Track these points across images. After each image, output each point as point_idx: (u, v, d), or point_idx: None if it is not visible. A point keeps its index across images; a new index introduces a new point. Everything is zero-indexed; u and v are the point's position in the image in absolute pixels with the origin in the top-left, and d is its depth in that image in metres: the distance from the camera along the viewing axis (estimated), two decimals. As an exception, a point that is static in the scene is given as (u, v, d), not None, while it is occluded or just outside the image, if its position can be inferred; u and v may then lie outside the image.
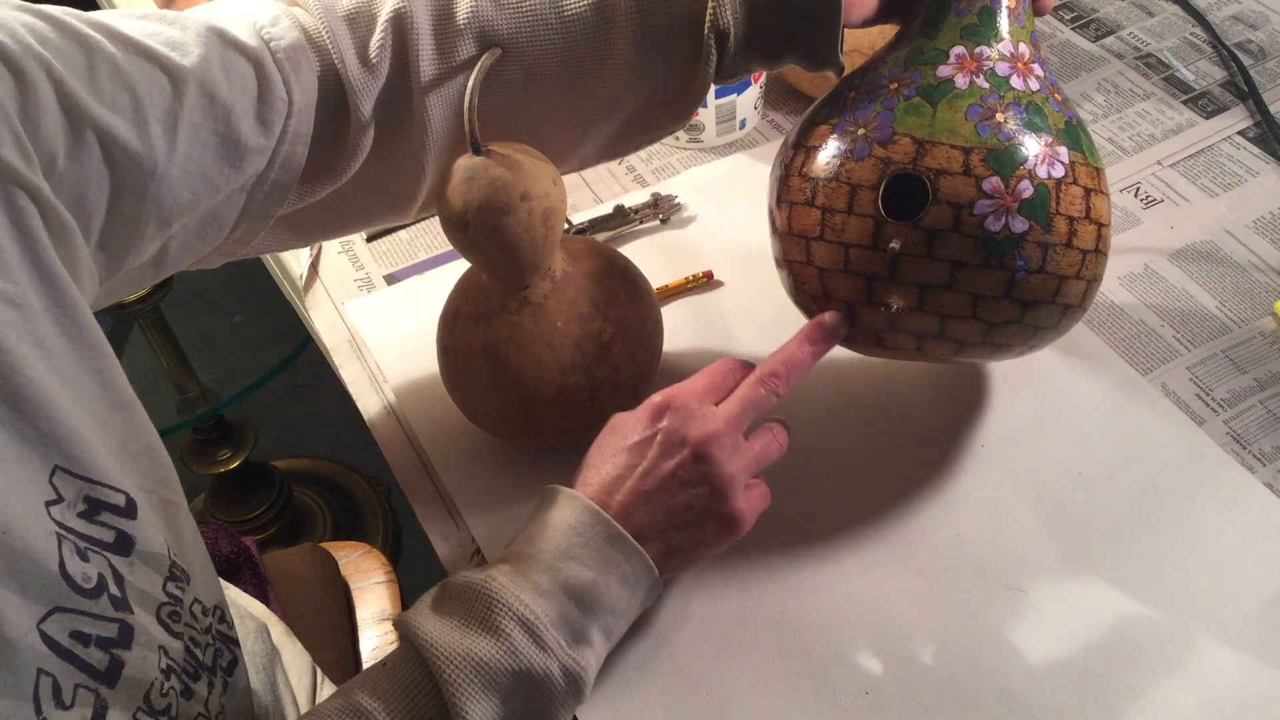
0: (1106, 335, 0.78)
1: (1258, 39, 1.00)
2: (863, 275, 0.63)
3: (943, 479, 0.71)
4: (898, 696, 0.62)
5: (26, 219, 0.51)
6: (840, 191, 0.63)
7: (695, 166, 0.94)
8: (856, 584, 0.67)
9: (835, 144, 0.64)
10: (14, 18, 0.53)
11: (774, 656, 0.64)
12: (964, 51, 0.64)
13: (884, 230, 0.62)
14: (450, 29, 0.64)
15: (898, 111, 0.63)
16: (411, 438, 0.77)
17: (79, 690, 0.51)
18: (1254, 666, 0.62)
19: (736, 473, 0.62)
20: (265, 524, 1.57)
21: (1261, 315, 0.79)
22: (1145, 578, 0.66)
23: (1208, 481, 0.70)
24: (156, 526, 0.57)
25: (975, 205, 0.60)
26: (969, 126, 0.61)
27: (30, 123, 0.51)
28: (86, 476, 0.53)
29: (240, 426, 1.52)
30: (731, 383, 0.64)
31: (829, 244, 0.64)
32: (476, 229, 0.64)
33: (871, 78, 0.65)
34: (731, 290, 0.84)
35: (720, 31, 0.64)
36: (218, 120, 0.58)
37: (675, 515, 0.61)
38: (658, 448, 0.61)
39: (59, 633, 0.50)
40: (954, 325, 0.63)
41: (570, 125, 0.68)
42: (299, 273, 0.90)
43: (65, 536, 0.51)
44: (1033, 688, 0.62)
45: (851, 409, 0.76)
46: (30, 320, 0.51)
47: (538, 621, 0.56)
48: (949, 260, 0.61)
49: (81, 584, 0.51)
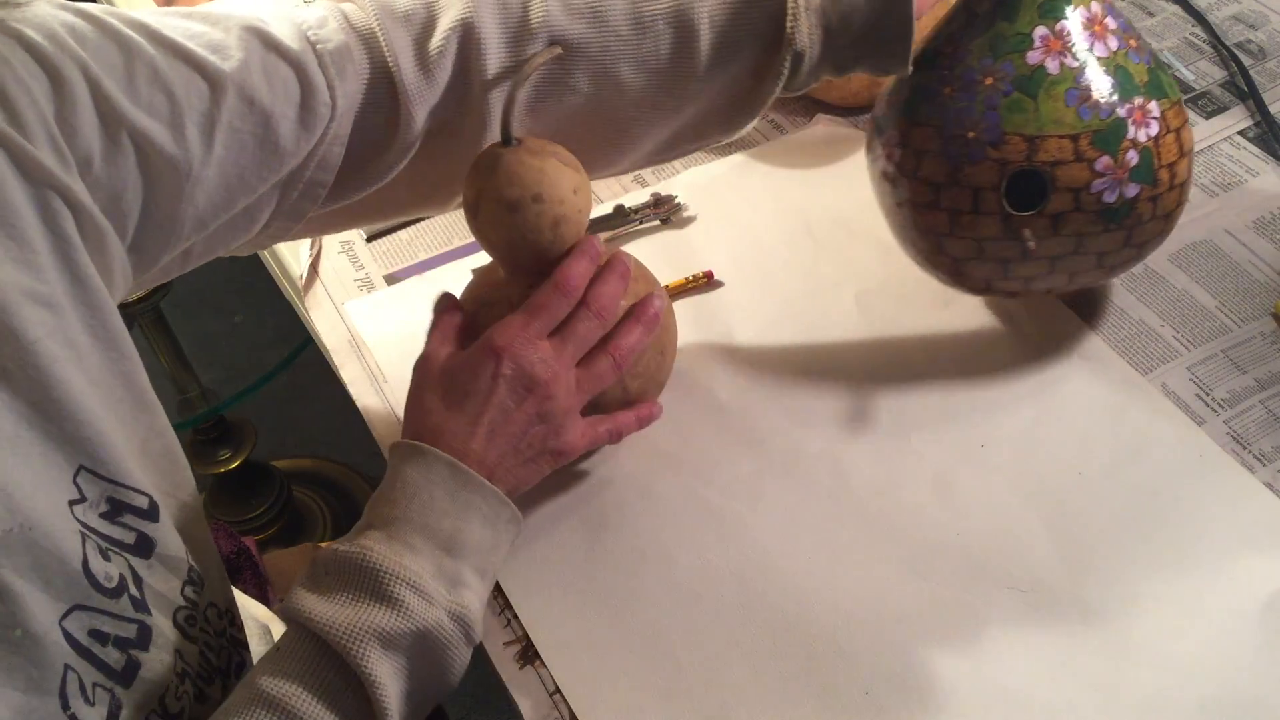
0: (1106, 335, 0.78)
1: (1258, 39, 1.00)
2: (997, 261, 0.70)
3: (943, 479, 0.71)
4: (898, 696, 0.62)
5: (60, 221, 0.51)
6: (964, 195, 0.68)
7: (695, 166, 0.94)
8: (856, 584, 0.67)
9: (947, 148, 0.68)
10: (55, 17, 0.53)
11: (774, 656, 0.64)
12: (1046, 32, 0.67)
13: (1011, 222, 0.68)
14: (521, 33, 0.63)
15: (1001, 110, 0.67)
16: (411, 438, 0.77)
17: (96, 689, 0.51)
18: (1254, 666, 0.62)
19: (572, 407, 0.66)
20: (265, 524, 1.57)
21: (1261, 315, 0.79)
22: (1145, 578, 0.66)
23: (1208, 481, 0.70)
24: (175, 530, 0.58)
25: (1091, 185, 0.67)
26: (1071, 113, 0.66)
27: (66, 125, 0.52)
28: (110, 478, 0.53)
29: (240, 426, 1.52)
30: (559, 311, 0.66)
31: (961, 239, 0.70)
32: (485, 218, 0.65)
33: (962, 71, 0.68)
34: (731, 290, 0.84)
35: (797, 52, 0.64)
36: (256, 124, 0.58)
37: (519, 454, 0.65)
38: (502, 394, 0.63)
39: (78, 630, 0.51)
40: (1078, 277, 0.72)
41: (627, 131, 0.69)
42: (299, 273, 0.90)
43: (88, 535, 0.52)
44: (1033, 687, 0.62)
45: (851, 409, 0.76)
46: (62, 321, 0.51)
47: (420, 580, 0.58)
48: (1074, 234, 0.68)
49: (103, 583, 0.52)
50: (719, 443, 0.74)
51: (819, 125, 0.95)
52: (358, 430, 0.80)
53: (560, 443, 0.66)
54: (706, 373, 0.78)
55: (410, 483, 0.61)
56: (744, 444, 0.74)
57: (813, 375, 0.78)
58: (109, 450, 0.53)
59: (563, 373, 0.65)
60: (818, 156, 0.93)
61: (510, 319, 0.65)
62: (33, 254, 0.50)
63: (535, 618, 0.67)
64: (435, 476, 0.61)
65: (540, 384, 0.64)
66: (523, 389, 0.64)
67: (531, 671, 0.66)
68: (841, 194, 0.89)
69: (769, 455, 0.73)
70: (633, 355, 0.68)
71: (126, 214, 0.55)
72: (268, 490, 1.58)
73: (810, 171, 0.92)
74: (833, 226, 0.87)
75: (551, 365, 0.65)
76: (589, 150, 0.68)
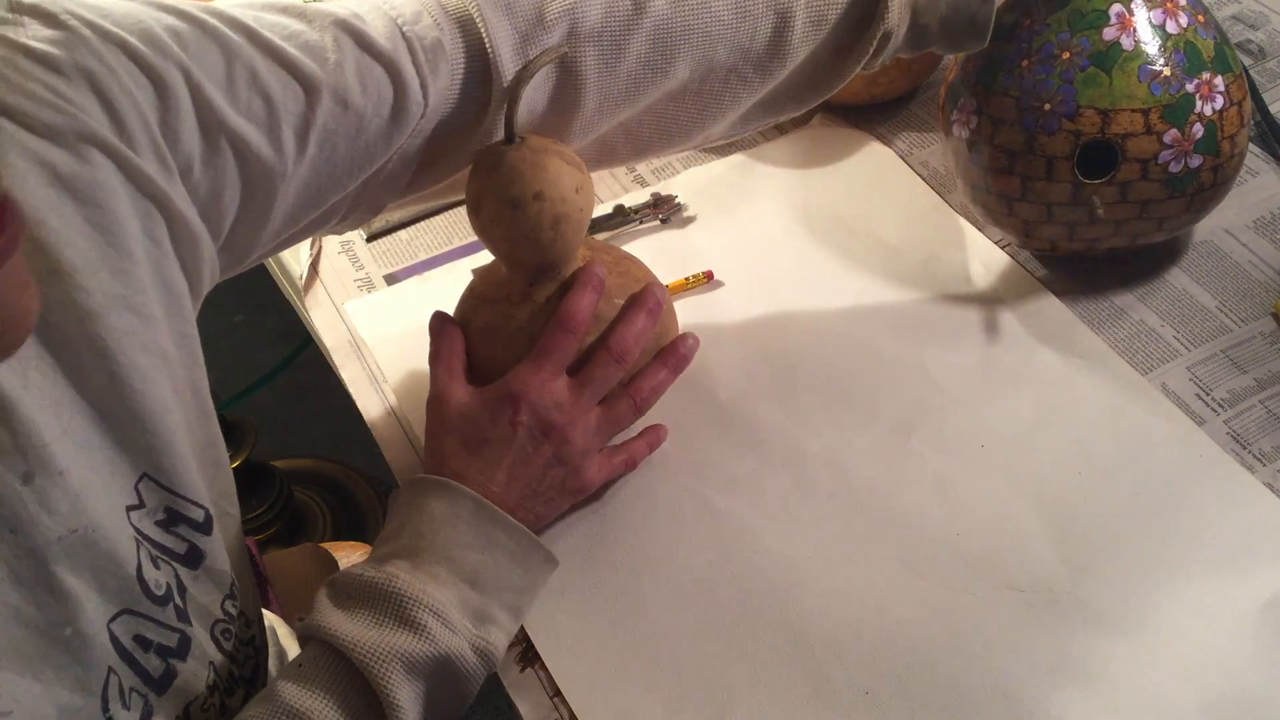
0: (1106, 335, 0.78)
1: (1258, 39, 1.00)
2: (1064, 224, 0.75)
3: (943, 479, 0.71)
4: (898, 696, 0.62)
5: (156, 229, 0.52)
6: (1038, 163, 0.73)
7: (695, 166, 0.94)
8: (856, 584, 0.67)
9: (1024, 118, 0.72)
10: (158, 20, 0.53)
11: (774, 656, 0.64)
12: (1122, 9, 0.71)
13: (1081, 189, 0.72)
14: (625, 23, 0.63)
15: (1077, 84, 0.71)
16: (411, 438, 0.77)
17: (133, 693, 0.52)
18: (1254, 666, 0.62)
19: (590, 448, 0.68)
20: (265, 524, 1.57)
21: (1261, 315, 0.79)
22: (1145, 577, 0.66)
23: (1208, 481, 0.70)
24: (223, 544, 0.58)
25: (1158, 156, 0.71)
26: (1143, 88, 0.70)
27: (170, 132, 0.52)
28: (171, 488, 0.54)
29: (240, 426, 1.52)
30: (569, 349, 0.66)
31: (1031, 204, 0.75)
32: (486, 216, 0.65)
33: (1040, 45, 0.72)
34: (731, 290, 0.84)
35: (886, 32, 0.66)
36: (350, 126, 0.59)
37: (539, 494, 0.66)
38: (520, 440, 0.65)
39: (124, 634, 0.51)
40: (1140, 238, 0.76)
41: (708, 109, 0.69)
42: (299, 273, 0.90)
43: (142, 542, 0.52)
44: (1033, 688, 0.62)
45: (850, 409, 0.76)
46: (151, 329, 0.52)
47: (445, 609, 0.58)
48: (1139, 201, 0.73)
49: (153, 590, 0.53)
50: (719, 443, 0.74)
51: (819, 125, 0.95)
52: (358, 430, 0.80)
53: (578, 482, 0.68)
54: (706, 373, 0.78)
55: (435, 516, 0.61)
56: (744, 444, 0.74)
57: (813, 375, 0.78)
58: (174, 460, 0.54)
59: (579, 417, 0.66)
60: (818, 156, 0.93)
61: (523, 365, 0.66)
62: (131, 264, 0.51)
63: (535, 619, 0.67)
64: (460, 511, 0.62)
65: (556, 429, 0.65)
66: (540, 434, 0.65)
67: (532, 674, 0.66)
68: (841, 194, 0.89)
69: (769, 455, 0.74)
70: (656, 398, 0.70)
71: (223, 215, 0.56)
72: (268, 490, 1.58)
73: (810, 171, 0.92)
74: (833, 226, 0.87)
75: (568, 410, 0.66)
76: (669, 125, 0.69)
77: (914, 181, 0.89)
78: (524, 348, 0.68)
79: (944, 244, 0.85)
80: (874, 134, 0.94)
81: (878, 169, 0.91)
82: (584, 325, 0.66)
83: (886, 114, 0.95)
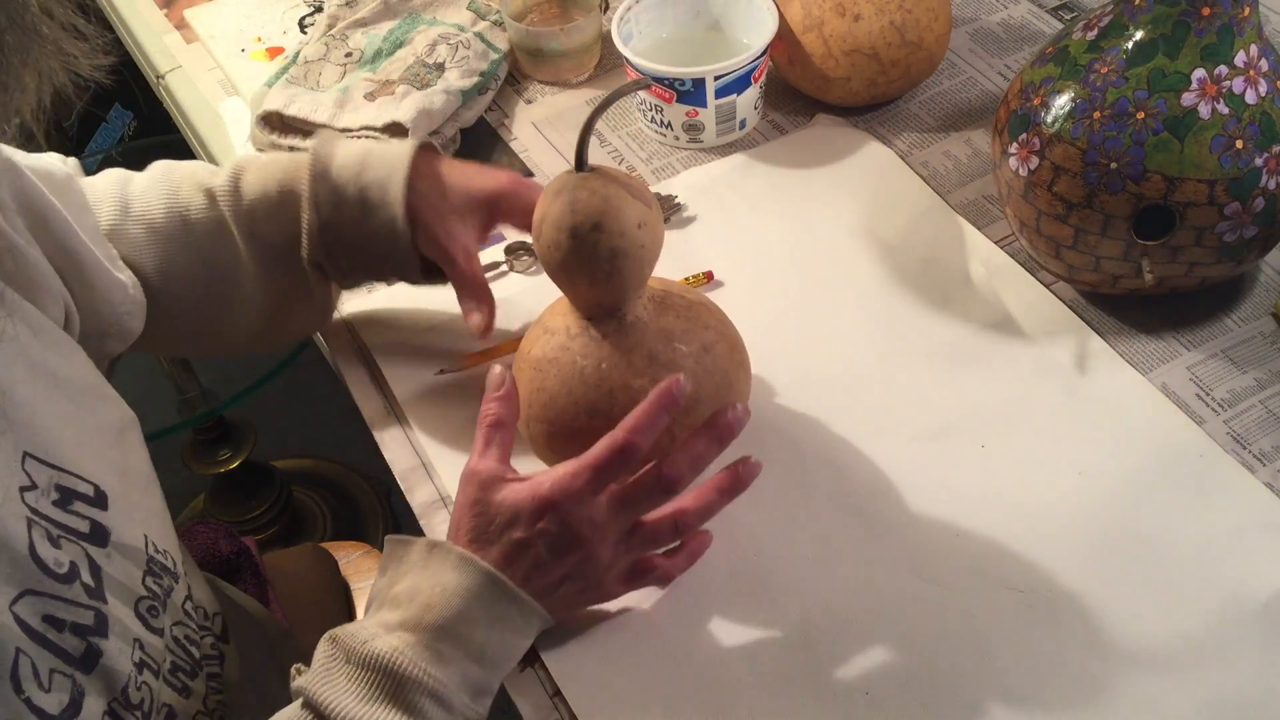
0: (1106, 335, 0.78)
1: None
2: (1110, 275, 0.74)
3: (943, 479, 0.71)
4: (898, 696, 0.62)
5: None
6: (1095, 219, 0.71)
7: (695, 166, 0.94)
8: (856, 584, 0.67)
9: (1088, 172, 0.70)
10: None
11: (774, 656, 0.64)
12: (1205, 75, 0.68)
13: (1134, 248, 0.71)
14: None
15: (1147, 148, 0.68)
16: (411, 438, 0.77)
17: (54, 675, 0.52)
18: (1254, 666, 0.62)
19: (615, 563, 0.63)
20: (265, 524, 1.57)
21: (1261, 315, 0.79)
22: (1145, 578, 0.66)
23: (1208, 481, 0.70)
24: (132, 519, 0.58)
25: (1216, 226, 0.70)
26: (1213, 160, 0.68)
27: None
28: (56, 464, 0.55)
29: (240, 426, 1.52)
30: (618, 473, 0.61)
31: (1080, 253, 0.74)
32: (544, 242, 0.64)
33: (1115, 99, 0.69)
34: (731, 290, 0.84)
35: (317, 264, 0.73)
36: None
37: (552, 596, 0.62)
38: (540, 549, 0.61)
39: (30, 615, 0.51)
40: (1176, 288, 0.75)
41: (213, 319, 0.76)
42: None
43: (36, 521, 0.53)
44: (1033, 688, 0.62)
45: (850, 409, 0.76)
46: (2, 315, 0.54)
47: (444, 690, 0.57)
48: (1189, 262, 0.72)
49: (53, 569, 0.53)
50: (719, 443, 0.74)
51: (819, 125, 0.95)
52: (358, 430, 0.80)
53: (598, 595, 0.65)
54: (706, 373, 0.78)
55: (447, 589, 0.59)
56: (743, 444, 0.74)
57: (812, 375, 0.78)
58: (48, 436, 0.54)
59: (611, 535, 0.62)
60: (818, 156, 0.93)
61: (566, 469, 0.61)
62: None
63: (535, 618, 0.67)
64: (472, 586, 0.59)
65: (582, 544, 0.61)
66: (563, 547, 0.61)
67: (531, 674, 0.66)
68: (841, 194, 0.89)
69: (769, 455, 0.73)
70: (701, 524, 0.64)
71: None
72: (268, 490, 1.58)
73: (810, 171, 0.92)
74: (833, 226, 0.87)
75: (600, 529, 0.61)
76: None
77: (914, 181, 0.89)
78: (576, 382, 0.65)
79: (944, 244, 0.85)
80: (874, 134, 0.94)
81: (878, 169, 0.91)
82: (643, 451, 0.60)
83: (886, 114, 0.95)
